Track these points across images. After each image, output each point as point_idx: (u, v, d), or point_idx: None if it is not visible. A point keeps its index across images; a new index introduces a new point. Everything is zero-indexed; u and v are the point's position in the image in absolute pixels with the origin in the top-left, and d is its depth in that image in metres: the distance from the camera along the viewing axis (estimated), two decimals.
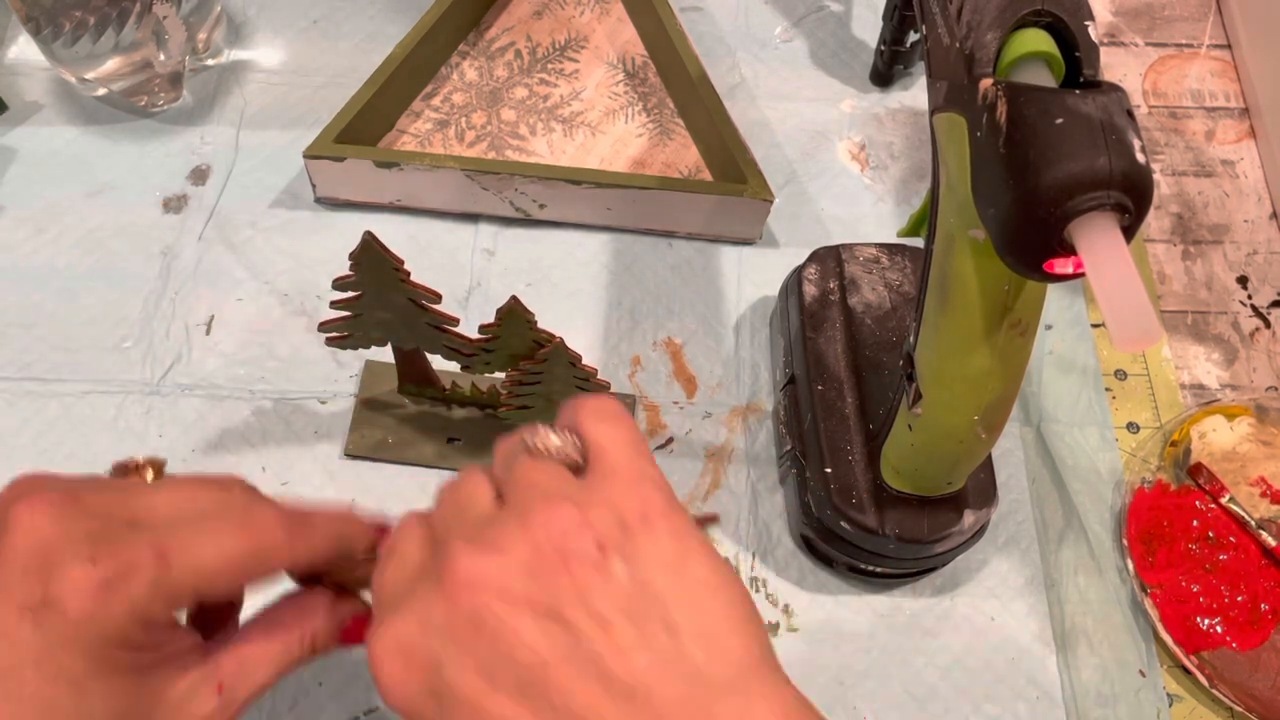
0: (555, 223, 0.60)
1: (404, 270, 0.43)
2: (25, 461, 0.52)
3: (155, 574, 0.29)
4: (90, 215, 0.59)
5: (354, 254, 0.42)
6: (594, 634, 0.26)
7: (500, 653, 0.26)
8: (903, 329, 0.51)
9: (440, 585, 0.27)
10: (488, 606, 0.27)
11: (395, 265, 0.42)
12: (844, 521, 0.47)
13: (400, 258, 0.42)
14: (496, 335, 0.45)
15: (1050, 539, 0.53)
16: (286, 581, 0.35)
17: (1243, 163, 0.66)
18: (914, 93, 0.67)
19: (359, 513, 0.36)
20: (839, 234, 0.61)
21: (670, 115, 0.64)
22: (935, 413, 0.41)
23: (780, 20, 0.69)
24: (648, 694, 0.26)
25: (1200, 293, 0.62)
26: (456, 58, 0.65)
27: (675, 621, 0.27)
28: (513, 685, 0.26)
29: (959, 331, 0.38)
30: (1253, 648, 0.50)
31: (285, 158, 0.61)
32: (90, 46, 0.56)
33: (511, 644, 0.26)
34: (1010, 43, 0.33)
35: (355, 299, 0.45)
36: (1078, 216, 0.30)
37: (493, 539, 0.28)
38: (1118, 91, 0.31)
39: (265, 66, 0.65)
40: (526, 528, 0.28)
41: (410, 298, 0.44)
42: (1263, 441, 0.55)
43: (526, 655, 0.26)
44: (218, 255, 0.58)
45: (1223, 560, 0.52)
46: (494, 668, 0.26)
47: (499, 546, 0.27)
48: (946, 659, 0.50)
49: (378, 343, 0.48)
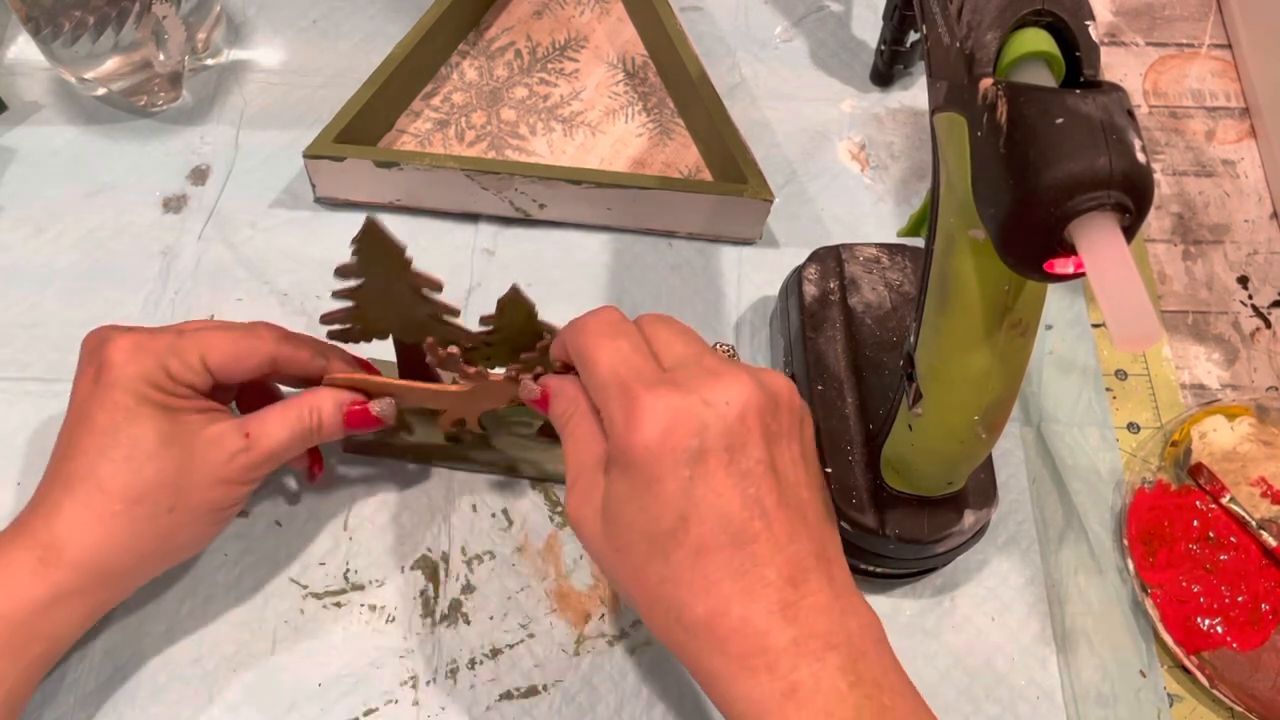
0: (555, 223, 0.60)
1: (407, 257, 0.42)
2: (25, 461, 0.52)
3: (171, 341, 0.43)
4: (90, 215, 0.59)
5: (356, 239, 0.42)
6: (789, 464, 0.37)
7: (747, 445, 0.36)
8: (903, 329, 0.51)
9: (720, 382, 0.37)
10: (751, 412, 0.36)
11: (398, 251, 0.42)
12: (844, 521, 0.47)
13: (403, 244, 0.42)
14: (498, 327, 0.45)
15: (1050, 539, 0.53)
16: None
17: (1243, 163, 0.66)
18: (914, 93, 0.67)
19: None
20: (839, 234, 0.61)
21: (670, 115, 0.64)
22: (935, 413, 0.41)
23: (780, 20, 0.69)
24: (804, 514, 0.37)
25: (1201, 293, 0.62)
26: (456, 58, 0.65)
27: (817, 482, 0.39)
28: (743, 469, 0.36)
29: (959, 331, 0.38)
30: (1253, 648, 0.50)
31: (285, 158, 0.61)
32: (90, 46, 0.56)
33: (754, 443, 0.36)
34: (1010, 42, 0.33)
35: (357, 289, 0.45)
36: (1078, 216, 0.30)
37: (762, 381, 0.37)
38: (1118, 91, 0.31)
39: (265, 66, 0.65)
40: (772, 378, 0.38)
41: (412, 287, 0.44)
42: (1263, 441, 0.55)
43: (758, 453, 0.36)
44: (218, 255, 0.58)
45: (1223, 560, 0.52)
46: (738, 452, 0.36)
47: (758, 380, 0.37)
48: (946, 659, 0.50)
49: (379, 335, 0.47)
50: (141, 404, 0.41)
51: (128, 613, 0.48)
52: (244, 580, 0.50)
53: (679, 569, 0.36)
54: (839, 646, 0.35)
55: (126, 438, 0.41)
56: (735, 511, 0.35)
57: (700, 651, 0.36)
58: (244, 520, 0.51)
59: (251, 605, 0.49)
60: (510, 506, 0.52)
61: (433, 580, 0.50)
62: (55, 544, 0.40)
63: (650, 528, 0.36)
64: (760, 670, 0.35)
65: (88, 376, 0.43)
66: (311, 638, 0.49)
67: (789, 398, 0.38)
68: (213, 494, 0.43)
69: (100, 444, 0.41)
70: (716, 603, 0.35)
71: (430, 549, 0.51)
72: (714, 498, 0.35)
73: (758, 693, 0.35)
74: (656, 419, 0.35)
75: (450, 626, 0.49)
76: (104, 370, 0.42)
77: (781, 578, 0.35)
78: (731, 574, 0.35)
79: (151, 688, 0.47)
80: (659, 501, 0.36)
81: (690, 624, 0.36)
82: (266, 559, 0.50)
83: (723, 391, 0.36)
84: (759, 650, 0.35)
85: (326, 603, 0.50)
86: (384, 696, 0.48)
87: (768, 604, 0.35)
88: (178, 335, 0.43)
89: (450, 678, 0.48)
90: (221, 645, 0.48)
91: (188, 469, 0.42)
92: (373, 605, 0.50)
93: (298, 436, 0.45)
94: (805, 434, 0.39)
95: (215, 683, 0.47)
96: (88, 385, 0.42)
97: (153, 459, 0.41)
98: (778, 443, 0.37)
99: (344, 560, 0.51)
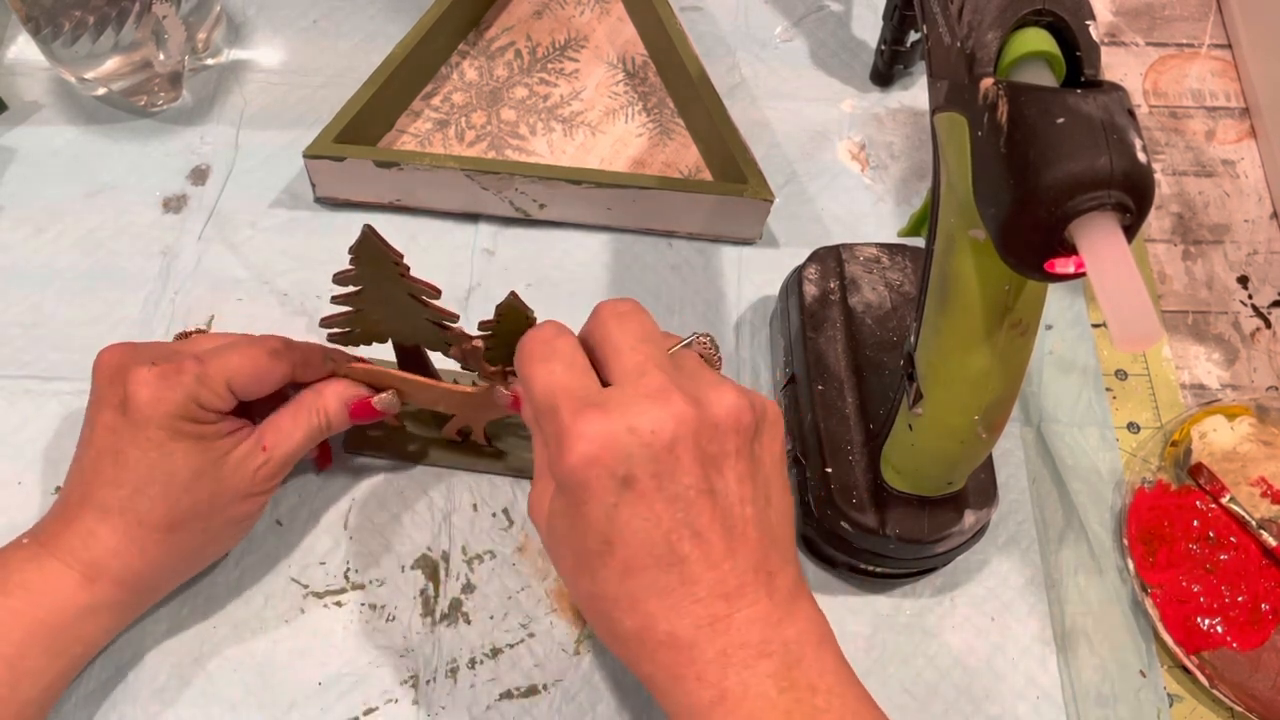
0: (555, 223, 0.60)
1: (403, 265, 0.43)
2: (25, 461, 0.52)
3: (197, 370, 0.43)
4: (90, 215, 0.59)
5: (354, 247, 0.42)
6: (730, 484, 0.37)
7: (675, 471, 0.36)
8: (903, 329, 0.51)
9: (652, 408, 0.36)
10: (683, 439, 0.36)
11: (395, 259, 0.42)
12: (844, 521, 0.47)
13: (400, 251, 0.42)
14: (496, 332, 0.45)
15: (1050, 539, 0.53)
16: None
17: (1243, 162, 0.66)
18: (914, 93, 0.67)
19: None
20: (839, 234, 0.61)
21: (670, 115, 0.64)
22: (936, 412, 0.41)
23: (780, 20, 0.69)
24: (743, 532, 0.37)
25: (1201, 292, 0.62)
26: (456, 58, 0.65)
27: (770, 496, 0.38)
28: (671, 494, 0.36)
29: (959, 331, 0.38)
30: (1253, 648, 0.50)
31: (285, 158, 0.61)
32: (90, 46, 0.56)
33: (684, 469, 0.36)
34: (1011, 42, 0.33)
35: (355, 294, 0.45)
36: (1078, 216, 0.30)
37: (697, 396, 0.37)
38: (1118, 91, 0.31)
39: (265, 66, 0.65)
40: (721, 398, 0.37)
41: (410, 293, 0.44)
42: (1263, 441, 0.55)
43: (689, 479, 0.36)
44: (218, 255, 0.58)
45: (1223, 560, 0.52)
46: (665, 478, 0.36)
47: (702, 404, 0.36)
48: (946, 659, 0.50)
49: (378, 339, 0.48)
50: (175, 439, 0.42)
51: None
52: (244, 580, 0.50)
53: (605, 585, 0.36)
54: (773, 654, 0.36)
55: (162, 474, 0.42)
56: (662, 536, 0.36)
57: (633, 659, 0.37)
58: None
59: (252, 605, 0.49)
60: (511, 506, 0.52)
61: (433, 580, 0.50)
62: (96, 563, 0.42)
63: (579, 545, 0.37)
64: (689, 679, 0.36)
65: (109, 404, 0.43)
66: (312, 637, 0.49)
67: (734, 417, 0.37)
68: (241, 509, 0.45)
69: (135, 480, 0.42)
70: (643, 619, 0.36)
71: (430, 548, 0.51)
72: (640, 522, 0.36)
73: (687, 700, 0.36)
74: (582, 446, 0.35)
75: (450, 626, 0.49)
76: (132, 406, 0.42)
77: (713, 594, 0.36)
78: (658, 593, 0.36)
79: (152, 688, 0.47)
80: (586, 523, 0.36)
81: (622, 636, 0.37)
82: (267, 559, 0.50)
83: (650, 419, 0.36)
84: (687, 661, 0.36)
85: (327, 602, 0.50)
86: (384, 696, 0.48)
87: (695, 619, 0.36)
88: (199, 364, 0.43)
89: (450, 677, 0.48)
90: (222, 645, 0.48)
91: (219, 493, 0.44)
92: (373, 604, 0.50)
93: (309, 437, 0.46)
94: (760, 449, 0.38)
95: (215, 682, 0.47)
96: (113, 415, 0.42)
97: (188, 491, 0.43)
98: (716, 464, 0.36)
99: (344, 560, 0.51)
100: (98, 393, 0.43)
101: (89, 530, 0.42)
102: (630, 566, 0.36)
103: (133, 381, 0.42)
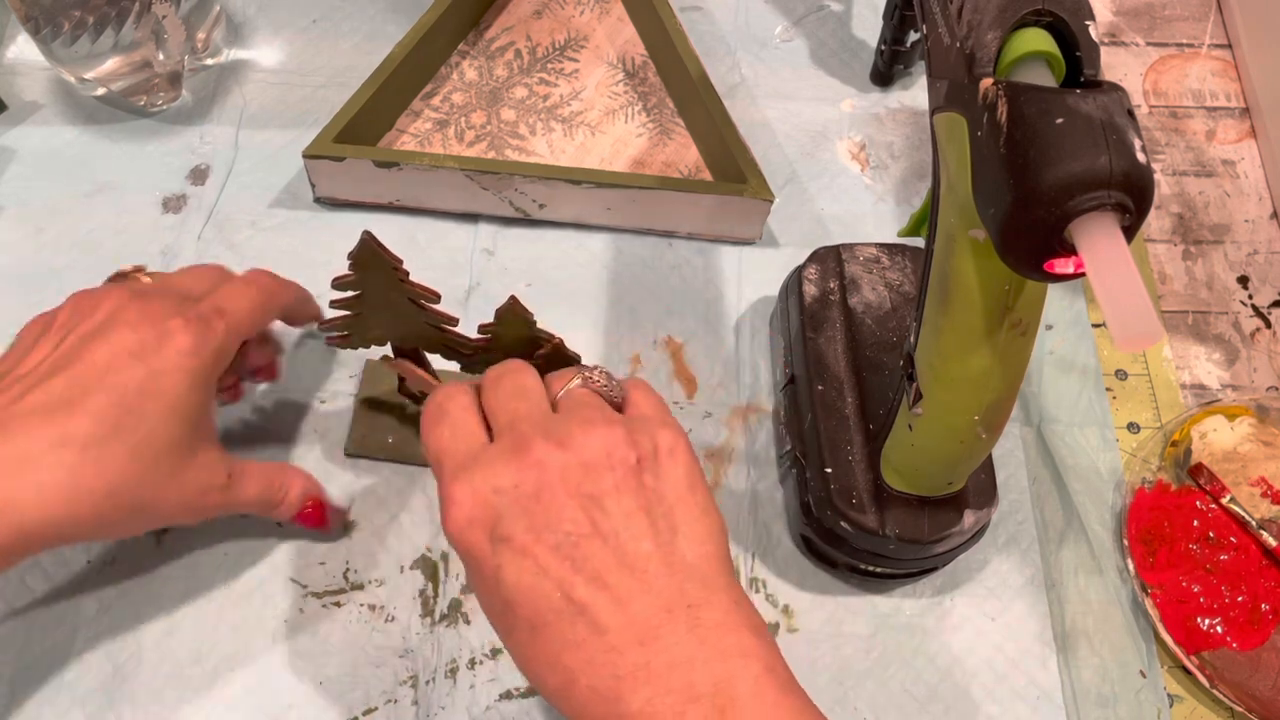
0: (555, 223, 0.60)
1: (402, 270, 0.43)
2: None
3: (225, 322, 0.43)
4: (90, 215, 0.59)
5: (352, 254, 0.42)
6: (619, 521, 0.35)
7: (550, 519, 0.35)
8: (903, 329, 0.51)
9: (513, 460, 0.36)
10: (549, 485, 0.35)
11: (394, 265, 0.42)
12: (844, 522, 0.47)
13: (399, 257, 0.42)
14: (496, 335, 0.45)
15: (1050, 539, 0.53)
16: None
17: (1243, 162, 0.66)
18: (914, 93, 0.67)
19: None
20: (839, 234, 0.61)
21: (670, 115, 0.64)
22: (936, 413, 0.41)
23: (780, 20, 0.69)
24: (645, 569, 0.35)
25: (1201, 293, 0.62)
26: (456, 58, 0.65)
27: (676, 526, 0.36)
28: (552, 543, 0.35)
29: (959, 331, 0.38)
30: (1253, 648, 0.50)
31: (285, 157, 0.61)
32: (89, 46, 0.56)
33: (560, 515, 0.35)
34: (1011, 42, 0.33)
35: (354, 299, 0.45)
36: (1078, 216, 0.30)
37: (561, 437, 0.36)
38: (1118, 91, 0.31)
39: (265, 66, 0.65)
40: (588, 436, 0.36)
41: (409, 297, 0.44)
42: (1263, 442, 0.55)
43: (569, 525, 0.35)
44: (217, 255, 0.58)
45: (1223, 560, 0.52)
46: (542, 528, 0.35)
47: (566, 445, 0.36)
48: (946, 659, 0.50)
49: (378, 342, 0.48)
50: (193, 391, 0.41)
51: (128, 612, 0.48)
52: (244, 580, 0.50)
53: (522, 647, 0.36)
54: (701, 698, 0.33)
55: (177, 411, 0.41)
56: (554, 586, 0.34)
57: (567, 713, 0.35)
58: (244, 520, 0.51)
59: (251, 605, 0.49)
60: None
61: (432, 580, 0.50)
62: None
63: (489, 611, 0.37)
64: None
65: (131, 353, 0.40)
66: (311, 637, 0.49)
67: (606, 454, 0.36)
68: (177, 516, 0.43)
69: (134, 404, 0.40)
70: (564, 675, 0.35)
71: (430, 549, 0.51)
72: (529, 578, 0.35)
73: None
74: (455, 511, 0.35)
75: (450, 626, 0.49)
76: (164, 347, 0.40)
77: (627, 640, 0.34)
78: (570, 647, 0.34)
79: (151, 688, 0.47)
80: (484, 586, 0.36)
81: (551, 694, 0.35)
82: (266, 559, 0.50)
83: (511, 472, 0.35)
84: (615, 715, 0.34)
85: (326, 602, 0.50)
86: (384, 696, 0.48)
87: (613, 669, 0.34)
88: (217, 313, 0.43)
89: (450, 677, 0.48)
90: (221, 645, 0.48)
91: (167, 485, 0.41)
92: (372, 605, 0.50)
93: (262, 502, 0.46)
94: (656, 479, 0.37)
95: (215, 682, 0.47)
96: (138, 349, 0.40)
97: (157, 463, 0.41)
98: (599, 503, 0.35)
99: (344, 560, 0.51)
100: (116, 336, 0.40)
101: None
102: (534, 624, 0.35)
103: (170, 329, 0.41)
